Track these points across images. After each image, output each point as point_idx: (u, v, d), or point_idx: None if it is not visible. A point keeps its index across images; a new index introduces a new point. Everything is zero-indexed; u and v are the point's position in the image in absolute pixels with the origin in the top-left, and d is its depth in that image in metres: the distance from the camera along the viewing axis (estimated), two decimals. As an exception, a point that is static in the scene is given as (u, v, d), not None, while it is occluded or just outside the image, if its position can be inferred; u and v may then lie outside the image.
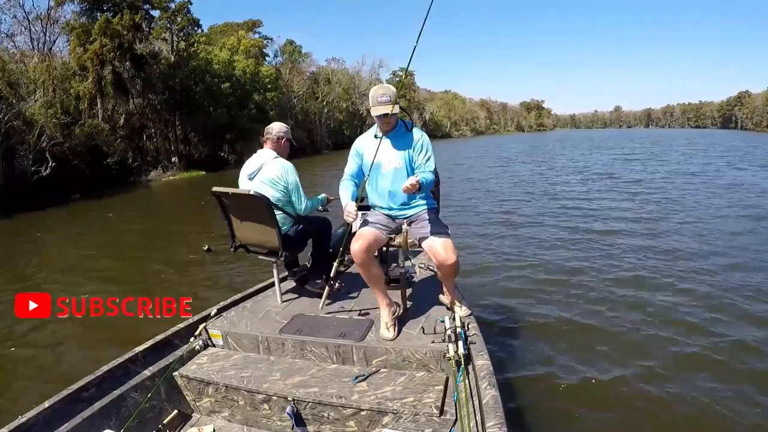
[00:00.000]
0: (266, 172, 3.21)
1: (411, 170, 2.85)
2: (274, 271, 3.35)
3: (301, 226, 3.31)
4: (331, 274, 3.19)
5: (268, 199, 3.04)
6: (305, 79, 49.59)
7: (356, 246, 2.68)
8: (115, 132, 24.49)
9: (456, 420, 2.14)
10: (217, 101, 30.67)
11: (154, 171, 26.03)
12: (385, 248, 3.07)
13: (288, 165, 3.27)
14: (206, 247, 3.46)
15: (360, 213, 3.67)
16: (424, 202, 2.94)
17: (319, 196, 3.52)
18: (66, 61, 25.22)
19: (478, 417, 1.99)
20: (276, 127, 3.39)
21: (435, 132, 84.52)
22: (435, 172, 2.85)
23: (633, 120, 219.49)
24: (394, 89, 2.80)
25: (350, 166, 3.02)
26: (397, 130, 2.89)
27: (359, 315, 3.04)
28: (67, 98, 22.11)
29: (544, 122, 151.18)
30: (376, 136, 2.90)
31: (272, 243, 3.16)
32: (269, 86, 37.15)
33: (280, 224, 3.12)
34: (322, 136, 48.71)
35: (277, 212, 3.11)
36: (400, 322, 2.81)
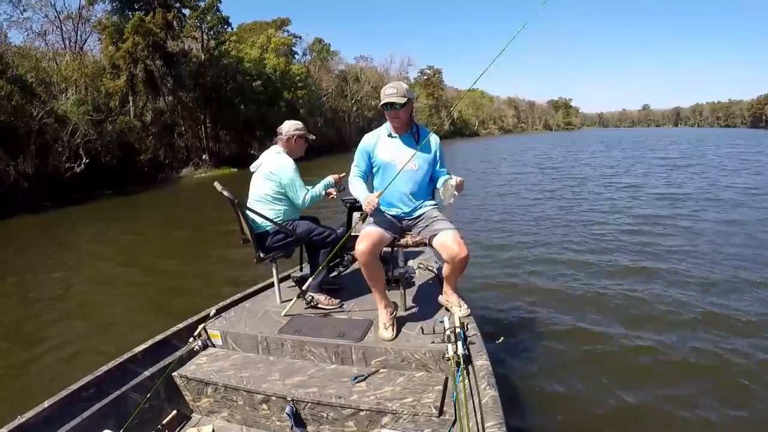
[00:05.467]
0: (264, 167, 3.22)
1: (428, 173, 2.88)
2: (274, 271, 3.35)
3: (282, 233, 3.22)
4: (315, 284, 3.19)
5: (235, 201, 3.03)
6: (334, 77, 49.90)
7: (361, 246, 2.63)
8: (146, 129, 25.08)
9: (455, 420, 2.12)
10: (247, 98, 31.15)
11: (185, 168, 26.60)
12: (390, 248, 3.03)
13: (285, 161, 3.20)
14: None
15: (361, 214, 3.62)
16: (430, 202, 2.96)
17: (322, 182, 3.35)
18: (97, 59, 25.95)
19: (478, 417, 1.97)
20: (286, 127, 3.32)
21: (463, 130, 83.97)
22: None
23: (661, 119, 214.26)
24: (405, 85, 2.79)
25: (360, 164, 2.93)
26: (411, 132, 2.88)
27: (358, 315, 3.03)
28: (98, 95, 22.60)
29: (572, 121, 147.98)
30: (390, 135, 2.88)
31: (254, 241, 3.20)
32: (299, 84, 37.47)
33: (261, 223, 3.15)
34: (351, 135, 48.89)
35: (265, 210, 3.13)
36: (399, 322, 2.79)
